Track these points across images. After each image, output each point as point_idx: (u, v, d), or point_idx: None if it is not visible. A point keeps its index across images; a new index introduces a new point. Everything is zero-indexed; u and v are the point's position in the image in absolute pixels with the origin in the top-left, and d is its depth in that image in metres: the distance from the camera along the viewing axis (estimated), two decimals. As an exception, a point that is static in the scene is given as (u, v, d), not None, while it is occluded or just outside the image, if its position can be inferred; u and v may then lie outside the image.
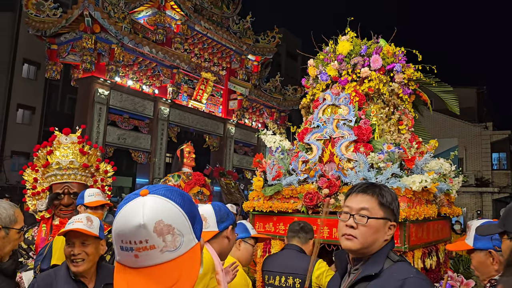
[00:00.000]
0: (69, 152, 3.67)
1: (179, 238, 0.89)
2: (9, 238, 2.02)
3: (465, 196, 21.33)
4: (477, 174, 22.18)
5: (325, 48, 3.79)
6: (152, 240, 0.86)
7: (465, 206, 21.26)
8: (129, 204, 0.90)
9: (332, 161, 3.36)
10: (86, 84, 11.34)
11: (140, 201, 0.89)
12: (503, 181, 22.60)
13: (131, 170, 22.00)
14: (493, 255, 1.84)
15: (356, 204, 1.53)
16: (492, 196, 21.48)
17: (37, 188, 3.68)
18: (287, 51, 29.22)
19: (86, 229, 2.21)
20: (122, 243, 0.87)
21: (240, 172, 16.17)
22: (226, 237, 2.00)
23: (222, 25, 15.00)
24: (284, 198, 3.44)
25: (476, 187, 21.65)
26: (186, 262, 0.90)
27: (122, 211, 0.89)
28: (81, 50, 10.81)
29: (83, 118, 11.20)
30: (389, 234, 1.53)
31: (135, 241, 0.86)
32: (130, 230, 0.86)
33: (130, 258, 0.88)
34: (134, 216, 0.87)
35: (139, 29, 12.11)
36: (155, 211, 0.87)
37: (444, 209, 3.59)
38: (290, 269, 2.67)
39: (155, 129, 12.98)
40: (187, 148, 6.93)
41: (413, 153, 3.32)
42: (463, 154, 22.41)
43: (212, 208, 1.99)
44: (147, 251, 0.86)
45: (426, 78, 3.71)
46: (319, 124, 3.51)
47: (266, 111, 17.40)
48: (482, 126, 23.24)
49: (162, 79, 12.92)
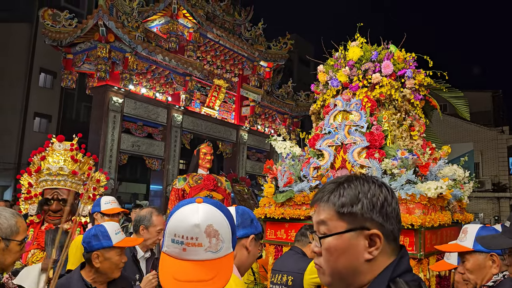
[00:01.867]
0: (61, 158, 3.75)
1: (221, 244, 1.08)
2: (9, 250, 1.88)
3: (482, 201, 20.97)
4: (493, 179, 21.79)
5: (335, 54, 3.79)
6: (201, 239, 1.04)
7: (482, 212, 20.89)
8: (186, 207, 1.09)
9: (344, 167, 3.35)
10: (101, 93, 11.49)
11: (196, 206, 1.08)
12: (521, 186, 22.16)
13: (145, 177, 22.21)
14: (495, 258, 1.80)
15: (315, 218, 1.08)
16: (510, 201, 21.06)
17: (31, 193, 3.76)
18: (299, 57, 29.24)
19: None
20: (175, 237, 1.05)
21: (253, 178, 16.16)
22: (245, 247, 1.75)
23: (234, 32, 15.09)
24: (296, 205, 3.44)
25: (493, 192, 21.27)
26: (223, 264, 1.08)
27: (179, 212, 1.09)
28: (95, 59, 10.99)
29: (98, 126, 11.35)
30: (372, 250, 1.00)
31: (187, 236, 1.04)
32: (185, 227, 1.04)
33: (178, 250, 1.05)
34: (191, 216, 1.06)
35: (152, 38, 12.25)
36: (208, 216, 1.07)
37: (457, 215, 3.55)
38: (286, 268, 2.68)
39: (169, 136, 13.08)
40: (204, 149, 6.81)
41: (427, 159, 3.30)
42: (479, 159, 22.05)
43: (234, 211, 1.79)
44: (194, 247, 1.04)
45: (437, 84, 3.68)
46: (330, 130, 3.51)
47: (279, 117, 17.40)
48: (498, 130, 22.86)
49: (175, 87, 13.03)
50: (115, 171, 11.42)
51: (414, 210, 2.96)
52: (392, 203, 1.03)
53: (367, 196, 1.01)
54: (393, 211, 1.02)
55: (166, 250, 1.08)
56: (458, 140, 20.36)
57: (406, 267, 1.00)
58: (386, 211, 1.01)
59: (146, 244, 3.02)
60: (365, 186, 1.03)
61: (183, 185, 6.53)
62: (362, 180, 1.05)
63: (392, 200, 1.03)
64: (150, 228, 3.00)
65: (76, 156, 3.82)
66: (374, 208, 1.00)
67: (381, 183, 1.06)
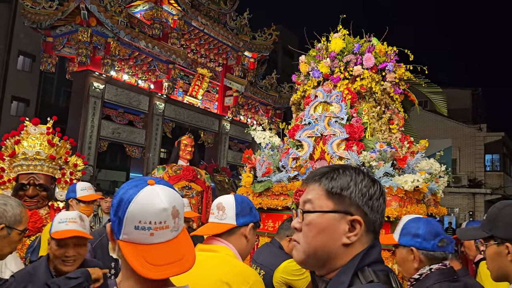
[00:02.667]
0: (37, 142, 3.63)
1: (181, 221, 1.09)
2: (10, 239, 1.90)
3: (458, 196, 21.45)
4: (470, 175, 22.29)
5: (318, 45, 3.78)
6: (168, 221, 1.04)
7: (458, 207, 21.38)
8: (143, 191, 1.04)
9: (323, 158, 3.36)
10: (81, 78, 11.27)
11: (153, 190, 1.05)
12: (496, 183, 22.73)
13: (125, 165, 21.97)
14: (414, 253, 1.84)
15: (303, 197, 1.10)
16: (485, 197, 21.60)
17: (4, 178, 3.64)
18: (283, 48, 29.18)
19: (82, 231, 2.16)
20: (140, 223, 1.02)
21: (234, 169, 16.15)
22: (244, 236, 1.77)
23: (219, 21, 14.95)
24: (273, 195, 3.44)
25: (469, 188, 21.77)
26: (184, 240, 1.08)
27: (138, 198, 1.03)
28: (76, 43, 10.75)
29: (78, 112, 11.16)
30: (351, 235, 1.00)
31: (155, 221, 1.02)
32: (153, 212, 1.02)
33: (145, 236, 1.02)
34: (155, 201, 1.03)
35: (136, 24, 12.04)
36: (170, 198, 1.05)
37: (431, 208, 3.61)
38: (260, 260, 2.62)
39: (150, 124, 12.94)
40: (185, 141, 6.82)
41: (405, 153, 3.33)
42: (456, 155, 22.51)
43: (233, 199, 1.80)
44: (162, 230, 1.03)
45: (416, 79, 3.72)
46: (310, 121, 3.51)
47: (262, 108, 17.39)
48: (476, 128, 23.34)
49: (158, 74, 12.88)
50: (95, 157, 11.26)
51: (391, 202, 3.00)
52: (380, 198, 1.05)
53: (358, 185, 1.03)
54: (379, 206, 1.04)
55: (127, 237, 1.02)
56: (438, 136, 20.72)
57: (376, 257, 1.01)
58: (373, 203, 1.03)
59: None
60: (359, 176, 1.05)
61: (162, 174, 6.50)
62: (358, 171, 1.07)
63: (380, 196, 1.05)
64: None
65: (52, 140, 3.71)
66: (362, 197, 1.02)
67: (375, 179, 1.08)
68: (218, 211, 1.78)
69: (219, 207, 1.79)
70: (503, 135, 23.39)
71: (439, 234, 1.86)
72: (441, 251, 1.84)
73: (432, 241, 1.83)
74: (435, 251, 1.83)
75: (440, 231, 1.88)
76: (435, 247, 1.83)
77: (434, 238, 1.84)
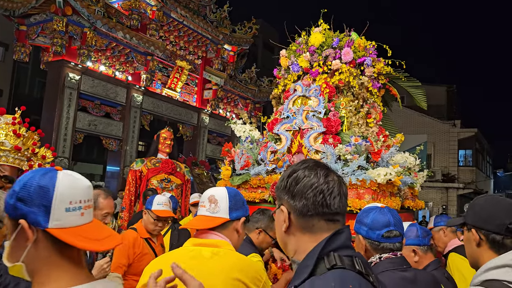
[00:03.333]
0: (2, 133, 3.52)
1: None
2: (0, 232, 1.86)
3: (432, 191, 21.96)
4: (444, 170, 22.84)
5: (298, 39, 3.80)
6: (92, 200, 1.06)
7: (432, 201, 21.89)
8: (60, 175, 1.02)
9: (300, 152, 3.39)
10: (56, 68, 11.00)
11: (65, 173, 1.03)
12: (468, 177, 23.39)
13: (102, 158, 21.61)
14: (361, 241, 1.89)
15: None
16: (457, 191, 22.19)
17: None
18: (263, 42, 29.15)
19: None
20: (71, 204, 1.00)
21: (213, 162, 16.11)
22: (236, 230, 1.73)
23: (198, 13, 14.80)
24: (251, 188, 3.45)
25: (443, 182, 22.31)
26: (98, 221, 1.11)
27: (60, 180, 1.01)
28: (51, 32, 10.47)
29: (53, 103, 10.89)
30: (284, 223, 1.15)
31: (85, 200, 1.02)
32: (81, 190, 1.02)
33: (76, 217, 1.01)
34: (79, 179, 1.04)
35: (113, 14, 11.80)
36: (84, 179, 1.08)
37: (408, 202, 3.68)
38: None
39: (128, 116, 12.75)
40: (164, 134, 6.86)
41: (380, 146, 3.39)
42: (431, 150, 23.02)
43: (226, 192, 1.75)
44: (89, 209, 1.04)
45: (396, 73, 3.77)
46: (289, 115, 3.54)
47: (241, 102, 17.36)
48: (451, 124, 23.91)
49: (136, 66, 12.68)
50: (70, 150, 11.04)
51: (364, 195, 3.05)
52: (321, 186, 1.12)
53: (288, 178, 1.16)
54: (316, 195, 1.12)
55: (59, 223, 0.98)
56: (413, 132, 21.12)
57: (342, 243, 1.09)
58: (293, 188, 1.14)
59: None
60: (299, 171, 1.16)
61: (141, 166, 6.48)
62: (303, 164, 1.18)
63: (318, 184, 1.13)
64: (96, 211, 2.81)
65: (19, 131, 3.60)
66: (286, 188, 1.15)
67: (316, 169, 1.16)
68: (210, 204, 1.72)
69: (212, 200, 1.73)
70: (476, 131, 24.05)
71: (389, 225, 1.83)
72: (388, 242, 1.82)
73: (378, 231, 1.82)
74: (379, 242, 1.82)
75: (391, 223, 1.84)
76: (380, 237, 1.81)
77: (381, 228, 1.82)
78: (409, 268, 1.85)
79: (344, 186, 1.17)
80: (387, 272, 1.74)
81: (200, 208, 1.75)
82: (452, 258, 2.96)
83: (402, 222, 1.95)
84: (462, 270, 2.78)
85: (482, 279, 1.42)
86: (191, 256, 1.64)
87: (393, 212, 1.90)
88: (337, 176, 1.18)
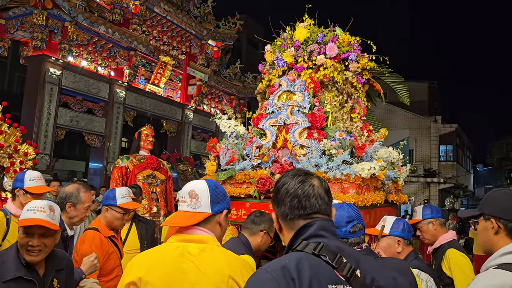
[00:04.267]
0: None
1: None
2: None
3: (414, 185, 22.31)
4: (425, 165, 23.22)
5: (283, 34, 3.80)
6: None
7: (414, 196, 22.24)
8: None
9: (285, 147, 3.40)
10: (37, 63, 10.78)
11: None
12: (449, 172, 23.83)
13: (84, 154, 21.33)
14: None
15: None
16: (439, 186, 22.59)
17: None
18: (248, 38, 29.07)
19: (50, 222, 2.08)
20: None
21: (198, 159, 16.04)
22: (219, 224, 1.70)
23: (182, 8, 14.66)
24: (237, 183, 3.45)
25: (424, 177, 22.68)
26: None
27: None
28: (31, 26, 10.24)
29: (33, 98, 10.68)
30: (276, 226, 1.46)
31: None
32: None
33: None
34: None
35: (95, 8, 11.61)
36: None
37: (392, 196, 3.73)
38: None
39: (110, 112, 12.58)
40: (146, 131, 6.85)
41: (364, 141, 3.42)
42: (413, 146, 23.37)
43: (206, 185, 1.69)
44: None
45: (379, 68, 3.81)
46: (274, 110, 3.54)
47: (226, 98, 17.30)
48: (432, 120, 24.29)
49: (119, 61, 12.51)
50: (51, 146, 10.85)
51: (349, 189, 3.08)
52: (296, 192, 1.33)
53: (274, 188, 1.42)
54: (292, 200, 1.34)
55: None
56: (396, 127, 21.39)
57: (312, 233, 1.28)
58: (282, 198, 1.36)
59: (73, 221, 2.85)
60: (280, 181, 1.39)
61: (126, 163, 6.45)
62: (284, 175, 1.41)
63: (294, 190, 1.34)
64: (78, 205, 2.82)
65: (0, 127, 3.54)
66: (273, 198, 1.41)
67: (293, 177, 1.37)
68: (191, 199, 1.67)
69: (192, 195, 1.67)
70: (457, 126, 24.49)
71: (351, 221, 1.91)
72: (355, 237, 1.91)
73: (344, 228, 1.91)
74: (347, 238, 1.90)
75: (353, 217, 1.92)
76: (347, 234, 1.90)
77: (346, 224, 1.91)
78: (377, 258, 1.98)
79: (321, 188, 1.35)
80: None
81: (181, 204, 1.70)
82: (452, 254, 3.05)
83: (361, 215, 2.04)
84: (463, 267, 2.94)
85: (498, 263, 1.57)
86: (178, 253, 1.61)
87: (352, 207, 1.99)
88: (318, 180, 1.38)
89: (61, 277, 2.25)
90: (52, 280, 2.17)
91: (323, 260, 1.20)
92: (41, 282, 2.12)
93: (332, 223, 1.36)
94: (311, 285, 1.14)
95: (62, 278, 2.26)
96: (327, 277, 1.17)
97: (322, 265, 1.19)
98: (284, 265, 1.18)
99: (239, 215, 3.43)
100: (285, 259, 1.22)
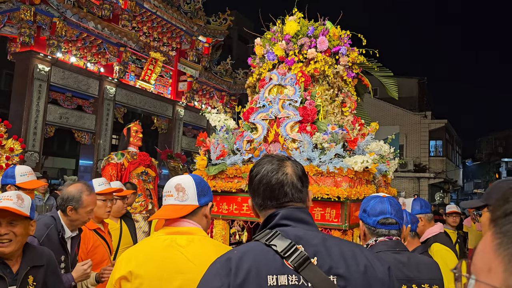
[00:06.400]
0: None
1: None
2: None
3: (404, 180, 22.47)
4: (415, 160, 23.39)
5: (273, 27, 3.78)
6: None
7: (404, 190, 22.40)
8: None
9: (277, 141, 3.39)
10: (25, 59, 10.65)
11: None
12: (439, 167, 24.04)
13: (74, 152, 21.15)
14: (361, 225, 2.12)
15: None
16: (429, 181, 22.78)
17: None
18: (238, 34, 29.01)
19: (16, 208, 1.99)
20: None
21: (189, 155, 15.98)
22: (204, 216, 1.77)
23: (172, 4, 14.57)
24: (228, 178, 3.43)
25: (414, 172, 22.85)
26: None
27: None
28: (18, 22, 10.10)
29: (21, 95, 10.55)
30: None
31: None
32: None
33: None
34: None
35: (84, 3, 11.49)
36: None
37: (381, 189, 3.74)
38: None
39: (100, 109, 12.48)
40: (135, 127, 6.79)
41: (356, 135, 3.42)
42: (403, 141, 23.52)
43: (192, 179, 1.78)
44: None
45: (369, 63, 3.81)
46: (264, 103, 3.52)
47: (216, 94, 17.25)
48: (422, 115, 24.46)
49: (108, 57, 12.40)
50: (41, 144, 10.74)
51: (341, 183, 3.07)
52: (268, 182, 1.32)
53: (248, 175, 1.39)
54: (265, 190, 1.32)
55: None
56: (386, 123, 21.51)
57: (276, 222, 1.27)
58: (255, 188, 1.35)
59: (74, 224, 2.69)
60: (254, 170, 1.37)
61: (122, 159, 6.40)
62: (257, 164, 1.39)
63: (268, 180, 1.32)
64: (79, 209, 2.63)
65: None
66: (249, 186, 1.39)
67: (269, 164, 1.35)
68: (178, 193, 1.73)
69: (179, 189, 1.73)
70: (446, 122, 24.70)
71: (384, 213, 2.01)
72: (383, 229, 2.00)
73: (374, 218, 2.01)
74: (376, 227, 2.01)
75: (388, 211, 2.02)
76: (376, 223, 2.00)
77: (377, 215, 2.01)
78: (403, 251, 2.01)
79: (294, 175, 1.32)
80: (380, 253, 1.86)
81: (167, 198, 1.75)
82: (436, 248, 3.10)
83: (403, 213, 2.13)
84: (446, 260, 2.98)
85: None
86: (166, 245, 1.65)
87: (392, 202, 2.06)
88: (292, 166, 1.35)
89: (39, 275, 2.11)
90: (27, 276, 2.04)
91: (273, 249, 1.19)
92: (12, 279, 2.00)
93: (303, 210, 1.32)
94: (248, 276, 1.14)
95: (40, 276, 2.11)
96: (270, 268, 1.15)
97: (269, 255, 1.18)
98: (229, 257, 1.20)
99: (230, 209, 3.41)
100: (235, 250, 1.24)
